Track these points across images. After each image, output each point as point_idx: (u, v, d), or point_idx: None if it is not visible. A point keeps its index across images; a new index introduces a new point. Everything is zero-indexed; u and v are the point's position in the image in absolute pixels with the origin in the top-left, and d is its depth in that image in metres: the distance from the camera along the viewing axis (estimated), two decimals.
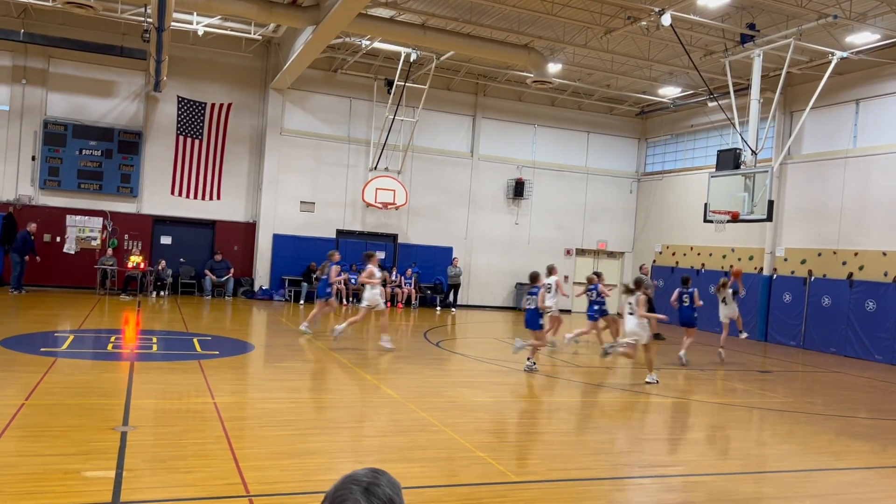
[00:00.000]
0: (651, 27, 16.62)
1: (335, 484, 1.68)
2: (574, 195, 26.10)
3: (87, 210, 20.85)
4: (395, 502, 1.67)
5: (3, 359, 9.97)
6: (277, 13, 16.35)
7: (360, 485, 1.66)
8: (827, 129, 19.52)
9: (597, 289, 15.29)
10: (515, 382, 11.29)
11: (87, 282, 20.50)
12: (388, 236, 23.94)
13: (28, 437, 6.36)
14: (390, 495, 1.67)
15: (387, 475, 1.71)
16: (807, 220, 19.84)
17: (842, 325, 17.98)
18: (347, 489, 1.65)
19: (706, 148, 23.79)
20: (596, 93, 24.71)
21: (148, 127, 21.46)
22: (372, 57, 22.15)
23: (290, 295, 22.10)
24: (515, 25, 18.26)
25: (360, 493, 1.65)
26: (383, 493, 1.66)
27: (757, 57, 17.11)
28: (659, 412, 9.99)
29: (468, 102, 24.67)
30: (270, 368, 11.27)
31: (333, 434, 7.33)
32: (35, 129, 20.37)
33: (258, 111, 22.66)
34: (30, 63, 20.23)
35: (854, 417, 10.34)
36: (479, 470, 6.34)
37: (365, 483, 1.66)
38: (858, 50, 16.93)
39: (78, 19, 19.38)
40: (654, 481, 6.58)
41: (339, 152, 23.17)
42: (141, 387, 8.70)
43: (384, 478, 1.70)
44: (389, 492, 1.67)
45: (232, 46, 21.78)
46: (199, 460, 6.04)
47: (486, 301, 25.12)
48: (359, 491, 1.64)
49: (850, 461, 7.74)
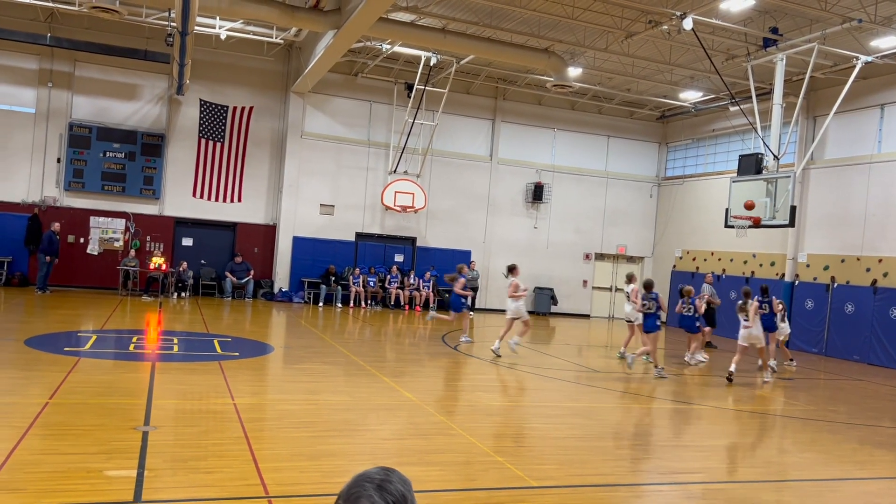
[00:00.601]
0: (672, 31, 16.55)
1: (348, 483, 1.73)
2: (593, 199, 26.00)
3: (110, 212, 21.12)
4: (407, 499, 1.72)
5: (27, 358, 10.12)
6: (299, 17, 16.47)
7: (373, 482, 1.71)
8: (850, 134, 19.29)
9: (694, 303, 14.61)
10: (532, 387, 11.26)
11: (110, 282, 20.75)
12: (406, 239, 23.99)
13: (51, 435, 6.45)
14: (402, 492, 1.71)
15: (398, 472, 1.76)
16: (830, 225, 19.61)
17: (865, 332, 17.74)
18: (361, 487, 1.70)
19: (727, 153, 23.61)
20: (616, 97, 24.61)
21: (171, 130, 21.70)
22: (392, 61, 22.24)
23: (310, 297, 22.21)
24: (536, 29, 18.25)
25: (373, 490, 1.69)
26: (396, 490, 1.70)
27: (780, 61, 16.95)
28: (679, 418, 9.91)
29: (487, 106, 24.67)
30: (290, 370, 11.34)
31: (352, 436, 7.36)
32: (60, 132, 20.67)
33: (279, 114, 22.83)
34: (56, 66, 20.55)
35: (878, 426, 10.19)
36: (496, 474, 6.33)
37: (377, 480, 1.71)
38: (883, 54, 16.72)
39: (103, 23, 19.65)
40: (674, 488, 6.53)
41: (358, 156, 23.27)
42: (162, 387, 8.79)
43: (395, 475, 1.75)
44: (402, 488, 1.72)
45: (254, 50, 21.97)
46: (218, 461, 6.09)
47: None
48: (372, 488, 1.69)
49: (874, 470, 7.63)
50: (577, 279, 26.04)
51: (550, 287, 25.28)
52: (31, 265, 20.10)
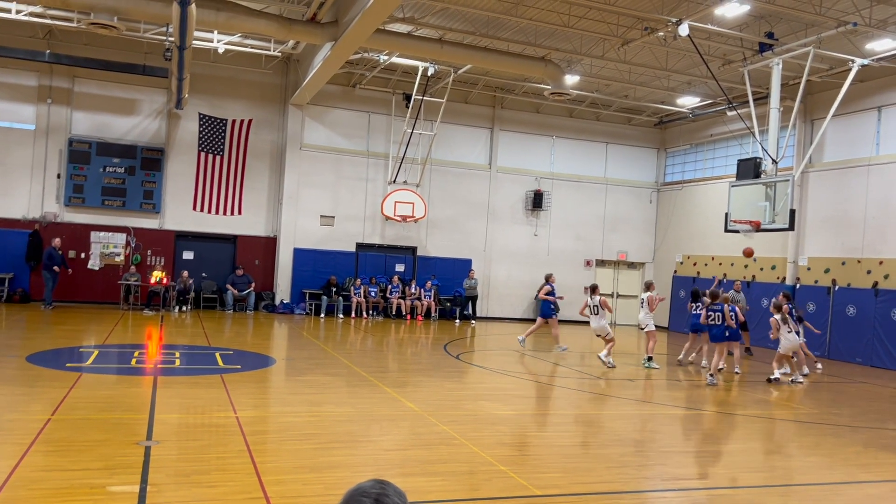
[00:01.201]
0: (668, 38, 16.60)
1: (344, 497, 1.72)
2: (593, 206, 26.03)
3: (110, 226, 21.15)
4: None
5: (29, 374, 10.12)
6: (296, 30, 16.54)
7: (370, 496, 1.71)
8: (849, 136, 19.32)
9: (722, 310, 13.34)
10: (536, 395, 11.24)
11: (111, 297, 20.76)
12: (407, 249, 24.01)
13: (54, 451, 6.44)
14: None
15: (392, 485, 1.76)
16: (830, 228, 19.62)
17: (868, 334, 17.71)
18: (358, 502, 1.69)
19: (726, 157, 23.64)
20: (614, 103, 24.67)
21: (170, 144, 21.76)
22: (390, 72, 22.32)
23: (311, 308, 22.21)
24: (532, 38, 18.32)
25: None
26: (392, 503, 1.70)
27: (776, 66, 17.00)
28: (682, 424, 9.90)
29: (486, 115, 24.74)
30: (292, 382, 11.33)
31: (355, 448, 7.34)
32: (60, 148, 20.73)
33: (278, 127, 22.89)
34: (55, 83, 20.63)
35: (882, 429, 10.16)
36: (500, 483, 6.32)
37: (374, 495, 1.71)
38: (879, 57, 16.77)
39: (101, 39, 19.76)
40: (678, 495, 6.51)
41: (358, 166, 23.33)
42: (164, 401, 8.78)
43: (391, 488, 1.75)
44: (398, 501, 1.72)
45: (252, 63, 22.06)
46: (222, 474, 6.08)
47: (506, 313, 25.07)
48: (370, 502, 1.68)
49: (879, 473, 7.61)
50: (578, 286, 25.98)
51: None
52: (33, 281, 20.11)
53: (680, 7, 15.50)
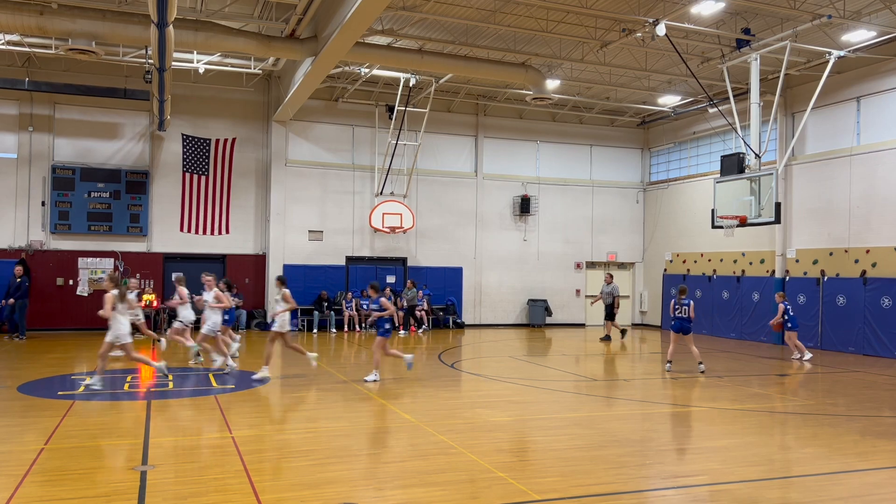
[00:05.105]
0: (646, 38, 16.72)
1: None
2: (581, 208, 26.12)
3: (98, 252, 21.03)
4: None
5: (21, 405, 10.02)
6: (276, 47, 16.54)
7: None
8: (829, 128, 19.50)
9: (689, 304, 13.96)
10: (531, 400, 11.23)
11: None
12: (397, 260, 23.99)
13: (49, 481, 6.37)
14: None
15: None
16: (815, 220, 19.76)
17: (858, 323, 17.82)
18: None
19: (710, 154, 23.80)
20: (596, 106, 24.80)
21: (154, 166, 21.69)
22: (372, 84, 22.36)
23: (304, 324, 22.12)
24: (511, 45, 18.41)
25: None
26: None
27: (754, 61, 17.16)
28: (679, 421, 9.91)
29: (469, 123, 24.81)
30: (286, 399, 11.27)
31: (352, 462, 7.31)
32: (43, 175, 20.62)
33: (262, 144, 22.86)
34: (36, 110, 20.54)
35: (878, 416, 10.21)
36: (500, 490, 6.30)
37: None
38: (855, 48, 16.95)
39: (81, 65, 19.70)
40: (678, 492, 6.51)
41: (344, 180, 23.32)
42: (159, 425, 8.71)
43: None
44: None
45: (233, 82, 22.04)
46: (219, 496, 6.03)
47: (499, 319, 25.08)
48: None
49: (877, 461, 7.64)
50: (569, 289, 26.08)
51: (544, 298, 25.30)
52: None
53: (656, 7, 15.62)
